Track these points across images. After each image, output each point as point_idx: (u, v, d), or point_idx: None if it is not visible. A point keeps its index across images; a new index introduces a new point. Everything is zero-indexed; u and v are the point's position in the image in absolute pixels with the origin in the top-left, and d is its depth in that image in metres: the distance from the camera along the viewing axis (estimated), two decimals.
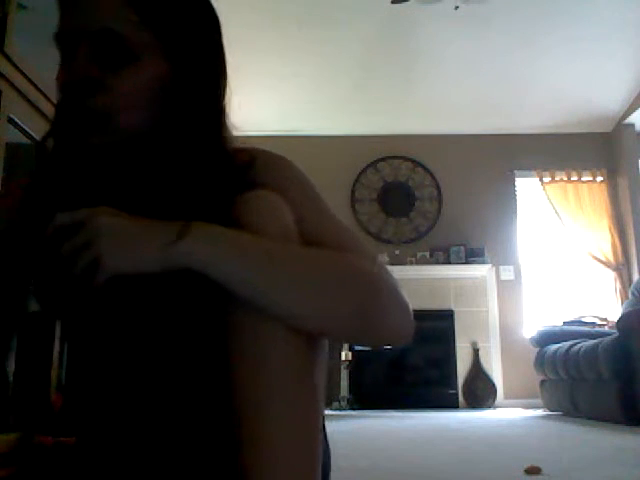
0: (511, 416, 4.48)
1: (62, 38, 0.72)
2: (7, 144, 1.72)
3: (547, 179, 5.87)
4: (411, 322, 0.71)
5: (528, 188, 5.95)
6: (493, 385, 5.38)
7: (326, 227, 0.73)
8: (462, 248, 5.67)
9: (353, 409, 5.03)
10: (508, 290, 5.69)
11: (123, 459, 0.71)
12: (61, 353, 2.03)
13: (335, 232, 0.73)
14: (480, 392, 5.35)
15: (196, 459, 0.70)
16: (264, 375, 0.64)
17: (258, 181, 0.71)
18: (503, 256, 5.76)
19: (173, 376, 0.72)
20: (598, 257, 5.67)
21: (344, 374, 5.11)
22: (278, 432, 0.63)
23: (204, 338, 0.70)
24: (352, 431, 3.30)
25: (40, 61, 1.97)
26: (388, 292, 0.68)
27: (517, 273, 5.75)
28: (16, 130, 1.81)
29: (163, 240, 0.63)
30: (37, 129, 1.92)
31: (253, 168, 0.73)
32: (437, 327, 5.41)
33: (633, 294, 4.52)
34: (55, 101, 0.70)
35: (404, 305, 0.70)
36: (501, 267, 5.73)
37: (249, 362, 0.64)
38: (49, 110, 1.99)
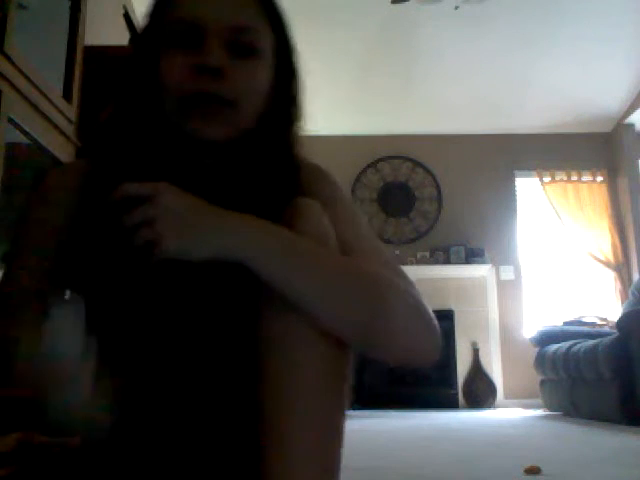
0: (511, 416, 4.48)
1: (188, 26, 0.72)
2: (7, 144, 1.72)
3: (547, 179, 5.87)
4: (433, 338, 0.70)
5: (528, 188, 5.95)
6: (493, 385, 5.38)
7: (359, 241, 0.75)
8: (462, 248, 5.67)
9: (353, 409, 5.02)
10: (508, 290, 5.69)
11: (136, 458, 0.69)
12: None
13: (367, 247, 0.75)
14: (480, 392, 5.35)
15: (216, 457, 0.69)
16: (292, 373, 0.64)
17: (305, 190, 0.75)
18: (503, 256, 5.76)
19: (201, 368, 0.71)
20: (598, 257, 5.67)
21: None
22: (302, 431, 0.64)
23: (238, 331, 0.70)
24: (352, 431, 3.29)
25: (40, 61, 1.97)
26: (398, 299, 0.68)
27: (517, 273, 5.75)
28: (16, 130, 1.81)
29: (216, 230, 0.64)
30: (37, 129, 1.92)
31: (302, 177, 0.78)
32: None
33: (633, 294, 4.51)
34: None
35: (422, 317, 0.69)
36: (501, 267, 5.73)
37: (279, 359, 0.65)
38: (49, 110, 1.99)
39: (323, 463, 0.65)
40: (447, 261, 5.66)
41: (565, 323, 5.03)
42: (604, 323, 5.14)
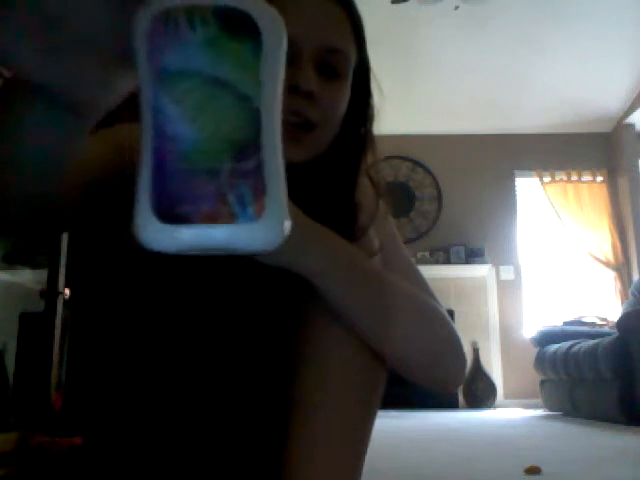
0: (511, 416, 4.48)
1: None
2: None
3: (547, 179, 5.87)
4: (461, 363, 0.71)
5: (528, 188, 5.95)
6: (493, 385, 5.38)
7: (398, 259, 0.78)
8: (462, 248, 5.67)
9: None
10: (508, 290, 5.69)
11: (142, 457, 0.66)
12: (61, 353, 2.04)
13: (405, 266, 0.79)
14: (480, 392, 5.34)
15: (234, 456, 0.68)
16: (326, 373, 0.65)
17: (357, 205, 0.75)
18: (503, 256, 5.76)
19: (234, 360, 0.69)
20: (598, 257, 5.67)
21: None
22: (328, 428, 0.65)
23: (279, 327, 0.70)
24: None
25: None
26: (445, 328, 0.70)
27: (517, 273, 5.75)
28: None
29: (298, 244, 0.62)
30: None
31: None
32: None
33: (633, 294, 4.52)
34: None
35: (455, 345, 0.70)
36: (501, 267, 5.73)
37: (314, 359, 0.66)
38: None
39: (345, 464, 0.66)
40: (447, 261, 5.66)
41: (565, 323, 5.03)
42: (604, 323, 5.14)
